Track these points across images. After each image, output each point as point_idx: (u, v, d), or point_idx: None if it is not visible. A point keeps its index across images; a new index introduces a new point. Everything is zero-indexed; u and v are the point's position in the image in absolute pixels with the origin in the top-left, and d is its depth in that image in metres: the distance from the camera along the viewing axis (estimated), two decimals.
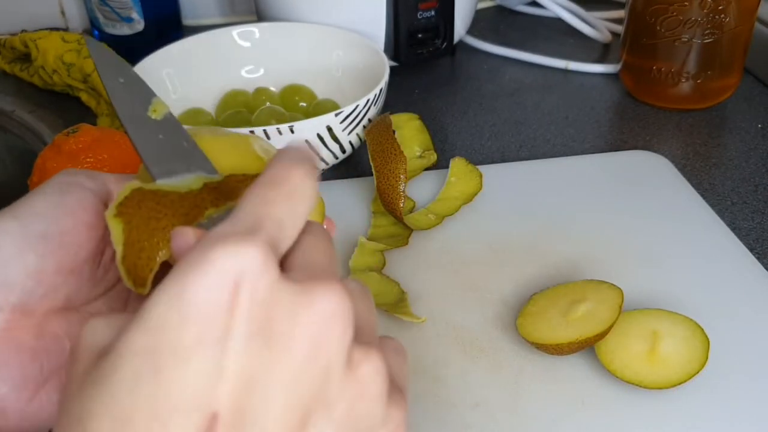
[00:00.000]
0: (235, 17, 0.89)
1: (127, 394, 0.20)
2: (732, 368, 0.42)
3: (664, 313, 0.43)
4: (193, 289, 0.20)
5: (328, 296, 0.22)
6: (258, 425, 0.20)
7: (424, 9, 0.71)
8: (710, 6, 0.63)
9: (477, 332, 0.45)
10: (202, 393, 0.20)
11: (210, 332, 0.20)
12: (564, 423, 0.40)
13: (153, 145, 0.29)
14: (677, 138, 0.66)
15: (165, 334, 0.20)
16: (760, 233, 0.54)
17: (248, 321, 0.21)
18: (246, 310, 0.21)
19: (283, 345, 0.21)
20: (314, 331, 0.21)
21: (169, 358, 0.20)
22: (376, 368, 0.23)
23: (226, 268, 0.20)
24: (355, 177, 0.60)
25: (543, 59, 0.78)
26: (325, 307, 0.22)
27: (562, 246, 0.52)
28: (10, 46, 0.74)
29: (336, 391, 0.22)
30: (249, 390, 0.20)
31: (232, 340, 0.20)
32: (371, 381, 0.23)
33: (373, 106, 0.59)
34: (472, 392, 0.41)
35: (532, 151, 0.65)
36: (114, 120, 0.66)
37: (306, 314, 0.21)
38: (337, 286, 0.22)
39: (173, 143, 0.29)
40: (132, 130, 0.29)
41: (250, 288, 0.21)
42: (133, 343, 0.20)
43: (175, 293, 0.20)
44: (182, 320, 0.20)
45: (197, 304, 0.20)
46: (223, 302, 0.20)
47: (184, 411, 0.20)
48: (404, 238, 0.52)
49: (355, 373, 0.22)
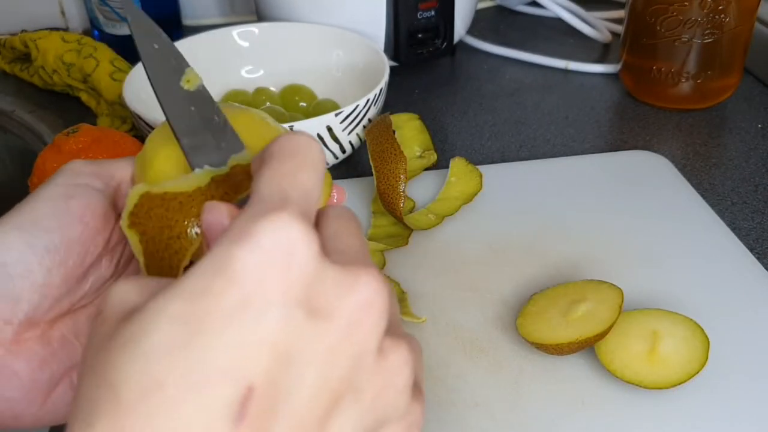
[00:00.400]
0: (235, 17, 0.89)
1: (162, 358, 0.19)
2: (732, 368, 0.42)
3: (664, 313, 0.43)
4: (239, 257, 0.20)
5: (369, 282, 0.22)
6: (290, 402, 0.20)
7: (424, 9, 0.71)
8: (710, 6, 0.63)
9: (477, 332, 0.45)
10: (240, 363, 0.19)
11: (253, 299, 0.20)
12: (564, 423, 0.40)
13: (184, 116, 0.28)
14: (677, 138, 0.66)
15: (207, 300, 0.20)
16: (760, 233, 0.54)
17: (292, 293, 0.20)
18: (290, 281, 0.20)
19: (321, 322, 0.21)
20: (353, 314, 0.21)
21: (209, 323, 0.19)
22: (404, 359, 0.23)
23: (272, 241, 0.20)
24: (355, 177, 0.60)
25: (543, 59, 0.78)
26: (366, 292, 0.22)
27: (562, 246, 0.52)
28: (10, 46, 0.74)
29: (366, 377, 0.22)
30: (285, 364, 0.20)
31: (275, 309, 0.20)
32: (399, 372, 0.23)
33: (373, 106, 0.59)
34: (472, 392, 0.41)
35: (532, 151, 0.65)
36: (114, 120, 0.66)
37: (347, 296, 0.21)
38: (377, 273, 0.22)
39: (204, 116, 0.29)
40: (164, 97, 0.29)
41: (296, 260, 0.21)
42: (171, 307, 0.20)
43: (220, 263, 0.20)
44: (226, 287, 0.20)
45: (243, 271, 0.20)
46: (269, 270, 0.20)
47: (221, 381, 0.19)
48: (404, 238, 0.52)
49: (385, 362, 0.22)
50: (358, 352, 0.22)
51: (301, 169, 0.23)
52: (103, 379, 0.19)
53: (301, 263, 0.21)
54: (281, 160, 0.24)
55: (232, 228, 0.21)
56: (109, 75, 0.66)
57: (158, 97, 0.29)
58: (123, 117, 0.66)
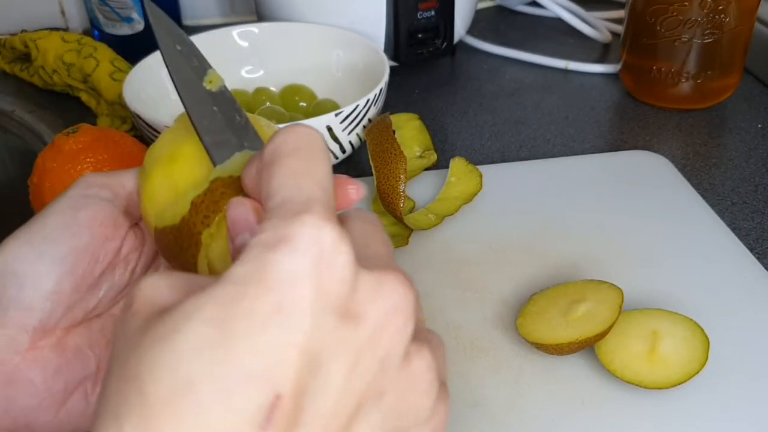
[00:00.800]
0: (235, 17, 0.89)
1: (194, 357, 0.19)
2: (732, 368, 0.42)
3: (664, 313, 0.43)
4: (278, 261, 0.20)
5: (396, 287, 0.22)
6: (315, 407, 0.20)
7: (424, 9, 0.71)
8: (710, 6, 0.63)
9: (477, 332, 0.45)
10: (271, 369, 0.19)
11: (290, 304, 0.20)
12: (564, 423, 0.40)
13: (207, 116, 0.29)
14: (677, 138, 0.66)
15: (243, 303, 0.20)
16: (760, 233, 0.54)
17: (325, 298, 0.20)
18: (325, 287, 0.20)
19: (351, 327, 0.21)
20: (381, 319, 0.21)
21: (244, 327, 0.19)
22: (428, 364, 0.23)
23: (307, 245, 0.20)
24: (355, 177, 0.60)
25: (543, 59, 0.78)
26: (395, 297, 0.22)
27: (562, 246, 0.52)
28: (10, 46, 0.74)
29: (390, 380, 0.22)
30: (313, 370, 0.20)
31: (307, 317, 0.20)
32: (423, 376, 0.23)
33: (373, 106, 0.59)
34: (472, 392, 0.41)
35: (532, 151, 0.65)
36: (114, 120, 0.66)
37: (376, 301, 0.21)
38: (405, 278, 0.22)
39: (227, 116, 0.29)
40: (187, 98, 0.29)
41: (332, 267, 0.20)
42: (206, 309, 0.20)
43: (258, 266, 0.20)
44: (263, 291, 0.20)
45: (282, 276, 0.20)
46: (308, 275, 0.20)
47: (250, 386, 0.19)
48: (404, 238, 0.52)
49: (409, 366, 0.22)
50: (384, 357, 0.22)
51: (314, 163, 0.23)
52: (134, 375, 0.19)
53: (337, 269, 0.21)
54: (289, 157, 0.23)
55: (264, 230, 0.21)
56: (109, 75, 0.66)
57: (181, 96, 0.29)
58: (123, 117, 0.66)
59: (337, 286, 0.21)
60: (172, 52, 0.29)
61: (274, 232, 0.21)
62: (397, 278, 0.22)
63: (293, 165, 0.23)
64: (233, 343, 0.19)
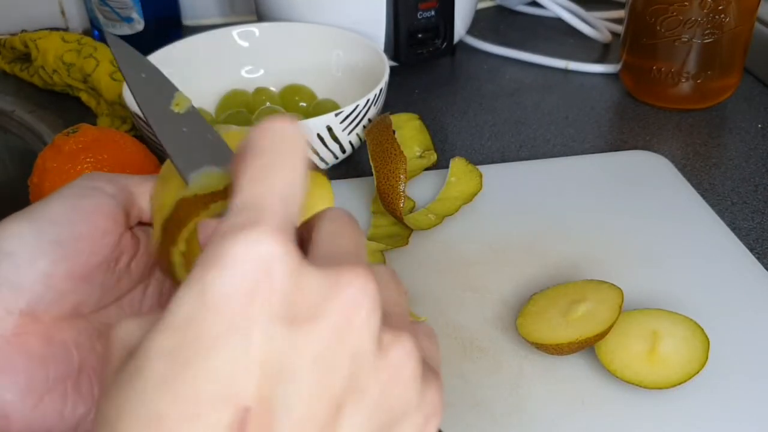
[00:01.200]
0: (235, 17, 0.89)
1: (156, 393, 0.19)
2: (732, 368, 0.42)
3: (664, 313, 0.43)
4: (214, 284, 0.20)
5: (352, 281, 0.21)
6: (288, 416, 0.20)
7: (424, 9, 0.71)
8: (710, 6, 0.63)
9: (477, 332, 0.45)
10: (231, 386, 0.19)
11: (235, 322, 0.20)
12: (564, 423, 0.40)
13: (178, 139, 0.28)
14: (677, 138, 0.66)
15: (190, 330, 0.20)
16: (760, 233, 0.54)
17: (271, 309, 0.20)
18: (268, 298, 0.20)
19: (308, 331, 0.21)
20: (340, 317, 0.21)
21: (195, 353, 0.19)
22: (407, 351, 0.23)
23: (244, 261, 0.20)
24: (355, 177, 0.60)
25: (543, 59, 0.78)
26: (350, 292, 0.21)
27: (562, 246, 0.52)
28: (10, 46, 0.74)
29: (367, 376, 0.22)
30: (277, 379, 0.20)
31: (258, 328, 0.20)
32: (403, 364, 0.22)
33: (373, 106, 0.59)
34: (472, 392, 0.41)
35: (532, 151, 0.65)
36: (114, 120, 0.66)
37: (330, 300, 0.21)
38: (361, 270, 0.22)
39: (198, 136, 0.29)
40: (156, 124, 0.29)
41: (273, 277, 0.20)
42: (158, 342, 0.20)
43: (197, 290, 0.20)
44: (206, 315, 0.20)
45: (220, 296, 0.20)
46: (245, 292, 0.20)
47: (215, 406, 0.19)
48: (404, 238, 0.52)
49: (386, 357, 0.22)
50: (353, 353, 0.21)
51: (278, 167, 0.22)
52: (106, 421, 0.20)
53: (277, 279, 0.20)
54: (256, 158, 0.22)
55: (206, 250, 0.21)
56: (109, 75, 0.66)
57: (149, 123, 0.29)
58: (123, 117, 0.66)
59: (284, 296, 0.20)
60: (137, 80, 0.30)
61: (213, 250, 0.20)
62: (353, 272, 0.21)
63: (256, 169, 0.22)
64: (189, 369, 0.19)
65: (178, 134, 0.29)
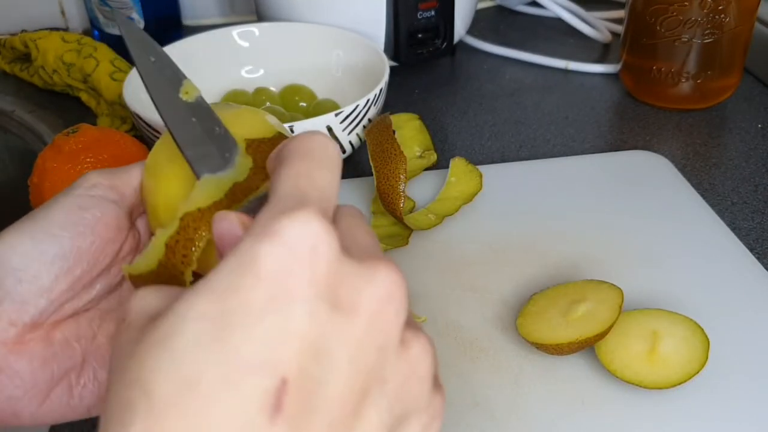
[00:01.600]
0: (235, 17, 0.90)
1: (195, 355, 0.19)
2: (732, 368, 0.42)
3: (664, 313, 0.43)
4: (266, 255, 0.20)
5: (388, 275, 0.22)
6: (324, 393, 0.20)
7: (424, 9, 0.71)
8: (710, 6, 0.63)
9: (477, 332, 0.45)
10: (273, 355, 0.20)
11: (282, 294, 0.20)
12: (564, 423, 0.40)
13: (186, 128, 0.29)
14: (677, 138, 0.66)
15: (237, 296, 0.20)
16: (760, 233, 0.54)
17: (317, 287, 0.21)
18: (315, 276, 0.21)
19: (347, 315, 0.21)
20: (375, 306, 0.22)
21: (241, 319, 0.20)
22: (425, 349, 0.24)
23: (296, 237, 0.21)
24: (355, 177, 0.60)
25: (543, 59, 0.78)
26: (386, 285, 0.22)
27: (562, 246, 0.52)
28: (10, 46, 0.74)
29: (391, 367, 0.22)
30: (315, 356, 0.20)
31: (303, 304, 0.20)
32: (421, 361, 0.23)
33: (373, 106, 0.59)
34: (472, 392, 0.41)
35: (532, 151, 0.65)
36: (114, 120, 0.66)
37: (368, 289, 0.22)
38: (395, 266, 0.23)
39: (206, 127, 0.29)
40: (164, 110, 0.29)
41: (320, 256, 0.21)
42: (197, 305, 0.20)
43: (246, 261, 0.20)
44: (255, 283, 0.20)
45: (271, 268, 0.20)
46: (295, 267, 0.21)
47: (255, 374, 0.19)
48: (404, 238, 0.52)
49: (408, 352, 0.23)
50: (383, 343, 0.22)
51: (317, 168, 0.24)
52: (136, 380, 0.19)
53: (324, 258, 0.21)
54: (298, 159, 0.24)
55: (255, 226, 0.21)
56: (109, 75, 0.66)
57: (159, 109, 0.29)
58: (123, 117, 0.66)
59: (328, 276, 0.21)
60: (147, 64, 0.30)
61: (263, 225, 0.21)
62: (388, 267, 0.22)
63: (298, 166, 0.24)
64: (231, 334, 0.19)
65: (186, 123, 0.29)
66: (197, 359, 0.19)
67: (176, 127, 0.28)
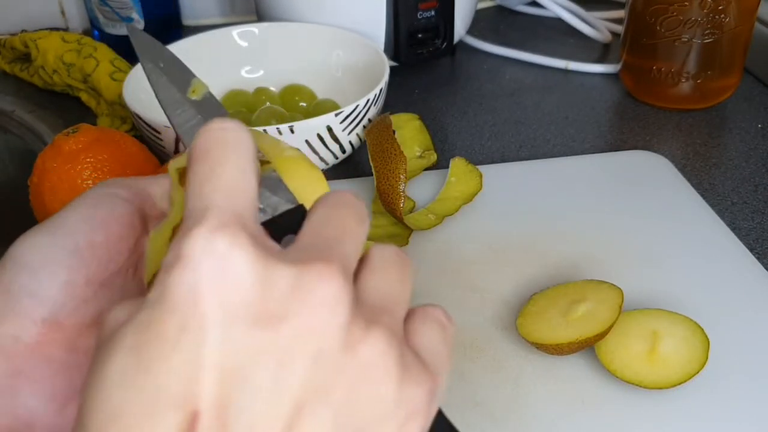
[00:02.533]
0: (235, 17, 0.89)
1: (117, 388, 0.20)
2: (732, 368, 0.42)
3: (664, 313, 0.43)
4: (172, 283, 0.20)
5: (319, 279, 0.21)
6: (244, 416, 0.20)
7: (424, 9, 0.71)
8: (710, 6, 0.63)
9: (477, 332, 0.45)
10: (186, 387, 0.20)
11: (192, 323, 0.20)
12: (564, 423, 0.40)
13: (192, 127, 0.29)
14: (677, 138, 0.66)
15: (152, 329, 0.20)
16: (760, 233, 0.54)
17: (229, 307, 0.20)
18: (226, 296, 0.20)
19: (268, 328, 0.20)
20: (304, 315, 0.21)
21: (156, 352, 0.20)
22: (380, 350, 0.21)
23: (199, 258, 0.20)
24: (355, 177, 0.60)
25: (543, 59, 0.78)
26: (317, 290, 0.21)
27: (562, 246, 0.52)
28: (10, 46, 0.74)
29: (332, 376, 0.21)
30: (233, 380, 0.20)
31: (214, 328, 0.20)
32: (373, 363, 0.21)
33: (373, 106, 0.59)
34: (472, 392, 0.41)
35: (532, 151, 0.65)
36: (114, 120, 0.66)
37: (294, 298, 0.21)
38: (328, 268, 0.21)
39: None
40: (172, 114, 0.29)
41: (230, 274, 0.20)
42: (125, 337, 0.20)
43: (159, 291, 0.21)
44: (164, 315, 0.20)
45: (177, 296, 0.20)
46: (202, 291, 0.20)
47: (169, 407, 0.20)
48: (404, 238, 0.52)
49: (355, 355, 0.21)
50: (317, 353, 0.21)
51: (219, 164, 0.22)
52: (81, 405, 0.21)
53: (236, 278, 0.20)
54: (197, 162, 0.23)
55: (168, 251, 0.21)
56: (109, 75, 0.66)
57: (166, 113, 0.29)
58: (123, 117, 0.66)
59: (241, 294, 0.20)
60: (154, 70, 0.30)
61: (172, 252, 0.21)
62: (319, 269, 0.21)
63: (199, 171, 0.22)
64: (148, 368, 0.20)
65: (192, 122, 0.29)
66: (121, 391, 0.20)
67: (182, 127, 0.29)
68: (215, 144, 0.23)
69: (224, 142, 0.23)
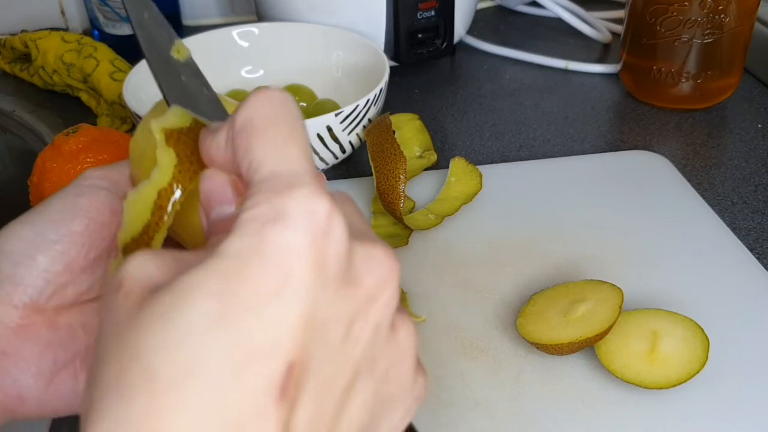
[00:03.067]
0: (235, 17, 0.89)
1: (201, 336, 0.19)
2: (732, 368, 0.42)
3: (664, 313, 0.43)
4: (275, 240, 0.20)
5: (386, 259, 0.23)
6: (319, 374, 0.21)
7: (424, 9, 0.71)
8: (710, 6, 0.63)
9: (477, 332, 0.45)
10: (281, 340, 0.20)
11: (291, 280, 0.20)
12: (564, 423, 0.40)
13: (176, 84, 0.28)
14: (677, 138, 0.66)
15: (245, 280, 0.20)
16: (760, 233, 0.54)
17: (326, 268, 0.21)
18: (324, 258, 0.21)
19: (347, 293, 0.21)
20: (373, 288, 0.22)
21: (248, 304, 0.19)
22: (411, 334, 0.24)
23: (305, 220, 0.21)
24: (355, 177, 0.60)
25: (543, 59, 0.78)
26: (385, 269, 0.22)
27: (562, 246, 0.52)
28: (10, 46, 0.74)
29: (380, 350, 0.23)
30: (316, 335, 0.21)
31: (309, 288, 0.20)
32: (407, 346, 0.24)
33: (373, 106, 0.59)
34: (472, 392, 0.41)
35: (532, 151, 0.65)
36: (114, 120, 0.66)
37: (368, 270, 0.22)
38: (392, 251, 0.23)
39: (194, 88, 0.29)
40: (154, 63, 0.28)
41: (329, 238, 0.21)
42: (206, 284, 0.20)
43: (256, 243, 0.20)
44: (264, 268, 0.20)
45: (280, 253, 0.20)
46: (304, 248, 0.20)
47: (263, 359, 0.19)
48: (404, 238, 0.52)
49: (396, 337, 0.23)
50: (376, 325, 0.22)
51: (295, 130, 0.23)
52: (136, 355, 0.19)
53: (333, 241, 0.21)
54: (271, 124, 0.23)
55: (258, 206, 0.21)
56: (109, 75, 0.66)
57: (150, 62, 0.29)
58: (123, 117, 0.66)
59: (335, 258, 0.21)
60: (141, 19, 0.30)
61: (269, 206, 0.21)
62: (385, 251, 0.23)
63: (274, 134, 0.23)
64: (240, 317, 0.19)
65: (176, 80, 0.28)
66: (203, 341, 0.19)
67: (166, 81, 0.28)
68: (283, 110, 0.23)
69: (291, 108, 0.23)
